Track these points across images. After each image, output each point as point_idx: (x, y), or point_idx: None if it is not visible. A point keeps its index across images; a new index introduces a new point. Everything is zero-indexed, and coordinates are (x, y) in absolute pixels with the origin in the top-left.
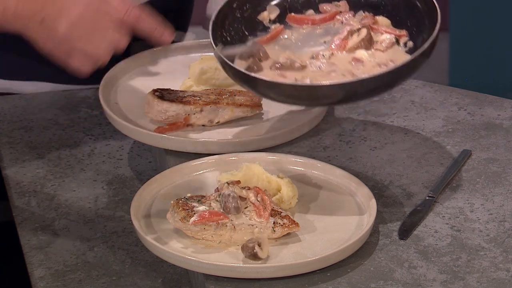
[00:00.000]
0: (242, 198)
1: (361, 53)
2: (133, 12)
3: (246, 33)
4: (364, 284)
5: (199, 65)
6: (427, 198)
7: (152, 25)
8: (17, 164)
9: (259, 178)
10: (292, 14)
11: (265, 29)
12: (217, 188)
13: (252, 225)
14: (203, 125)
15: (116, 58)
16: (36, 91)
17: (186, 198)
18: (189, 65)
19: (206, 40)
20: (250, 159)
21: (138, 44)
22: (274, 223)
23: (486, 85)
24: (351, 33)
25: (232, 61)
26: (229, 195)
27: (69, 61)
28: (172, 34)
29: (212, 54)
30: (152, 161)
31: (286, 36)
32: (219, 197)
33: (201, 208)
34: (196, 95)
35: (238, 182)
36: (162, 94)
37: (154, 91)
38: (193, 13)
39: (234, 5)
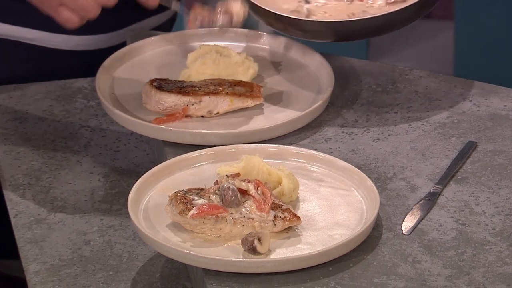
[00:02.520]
0: (242, 191)
1: None
2: None
3: None
4: (367, 279)
5: (198, 55)
6: (432, 191)
7: None
8: (12, 156)
9: (259, 171)
10: None
11: None
12: (217, 180)
13: (252, 219)
14: (202, 116)
15: (109, 27)
16: (34, 39)
17: (185, 191)
18: (187, 55)
19: (205, 29)
20: (250, 151)
21: (135, 33)
22: (274, 216)
23: (492, 75)
24: None
25: None
26: (228, 188)
27: (57, 12)
28: None
29: (211, 43)
30: (150, 153)
31: None
32: (218, 190)
33: (200, 201)
34: (195, 85)
35: (238, 174)
36: (160, 85)
37: (152, 81)
38: None
39: None
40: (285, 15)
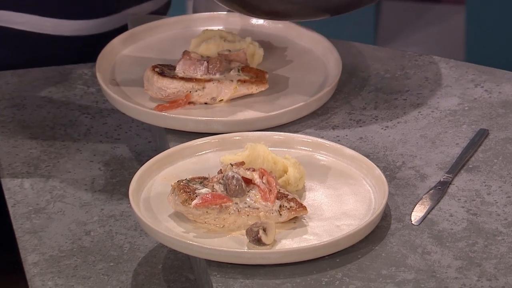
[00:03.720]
0: (247, 180)
1: None
2: None
3: None
4: (375, 271)
5: (202, 40)
6: (442, 180)
7: None
8: (9, 144)
9: (264, 159)
10: None
11: None
12: (220, 169)
13: (257, 209)
14: (206, 103)
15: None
16: (24, 24)
17: (188, 180)
18: (191, 40)
19: (208, 13)
20: (255, 139)
21: (136, 17)
22: (280, 206)
23: (504, 60)
24: None
25: None
26: (233, 177)
27: None
28: None
29: (215, 28)
30: (151, 141)
31: None
32: (222, 179)
33: (204, 190)
34: None
35: (243, 163)
36: (162, 70)
37: (154, 67)
38: None
39: None
40: None
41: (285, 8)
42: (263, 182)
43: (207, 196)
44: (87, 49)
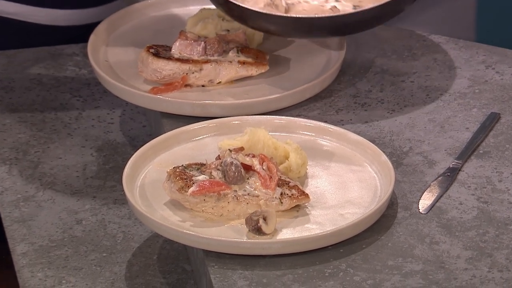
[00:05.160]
0: (246, 167)
1: None
2: None
3: None
4: (381, 262)
5: (199, 19)
6: (451, 166)
7: None
8: None
9: (264, 144)
10: None
11: None
12: (219, 155)
13: (257, 197)
14: (203, 86)
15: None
16: (17, 14)
17: (184, 167)
18: (187, 19)
19: None
20: (255, 123)
21: None
22: (281, 194)
23: None
24: None
25: None
26: (231, 163)
27: None
28: None
29: (213, 7)
30: (146, 125)
31: None
32: (220, 166)
33: (201, 177)
34: None
35: (242, 148)
36: (158, 51)
37: (149, 47)
38: None
39: None
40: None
41: (269, 29)
42: (263, 169)
43: (205, 183)
44: (82, 38)
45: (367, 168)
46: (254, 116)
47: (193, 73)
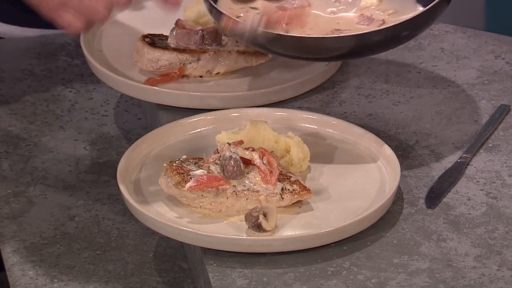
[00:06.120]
0: (246, 161)
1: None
2: None
3: None
4: (385, 259)
5: (196, 7)
6: (459, 160)
7: None
8: None
9: (265, 138)
10: None
11: None
12: (217, 149)
13: (257, 192)
14: (201, 76)
15: None
16: (4, 33)
17: (181, 161)
18: (184, 7)
19: None
20: (255, 116)
21: None
22: (282, 189)
23: None
24: None
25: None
26: (230, 157)
27: (58, 15)
28: None
29: None
30: (142, 117)
31: None
32: (219, 160)
33: (199, 172)
34: None
35: (241, 142)
36: (154, 41)
37: (144, 37)
38: None
39: None
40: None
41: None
42: (263, 163)
43: (202, 178)
44: None
45: (371, 162)
46: (254, 108)
47: (190, 63)
